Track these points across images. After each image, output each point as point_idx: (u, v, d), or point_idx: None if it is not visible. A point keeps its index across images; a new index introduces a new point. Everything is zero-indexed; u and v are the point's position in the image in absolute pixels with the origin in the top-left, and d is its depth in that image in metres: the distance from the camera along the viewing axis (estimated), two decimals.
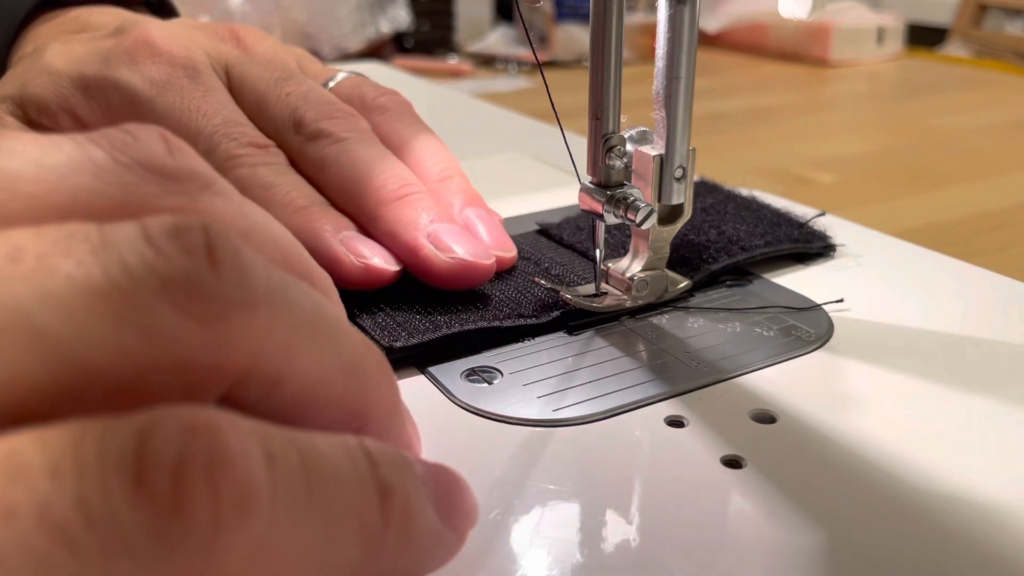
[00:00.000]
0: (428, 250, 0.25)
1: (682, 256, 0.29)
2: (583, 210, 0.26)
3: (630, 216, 0.25)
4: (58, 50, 0.30)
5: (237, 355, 0.13)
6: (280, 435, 0.12)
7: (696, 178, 0.36)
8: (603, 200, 0.25)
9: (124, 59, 0.29)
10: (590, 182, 0.26)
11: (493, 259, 0.26)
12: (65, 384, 0.11)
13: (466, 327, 0.24)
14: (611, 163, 0.25)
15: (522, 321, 0.25)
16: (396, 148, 0.29)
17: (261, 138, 0.28)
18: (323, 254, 0.25)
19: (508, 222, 0.31)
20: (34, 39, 0.34)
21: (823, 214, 0.33)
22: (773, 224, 0.31)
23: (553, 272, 0.28)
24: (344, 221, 0.26)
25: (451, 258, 0.25)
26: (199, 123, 0.28)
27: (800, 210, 0.33)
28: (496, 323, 0.25)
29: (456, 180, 0.29)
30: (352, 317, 0.25)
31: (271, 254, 0.16)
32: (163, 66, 0.29)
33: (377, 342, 0.23)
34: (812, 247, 0.31)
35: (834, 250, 0.31)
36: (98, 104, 0.29)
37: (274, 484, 0.12)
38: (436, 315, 0.25)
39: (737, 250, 0.29)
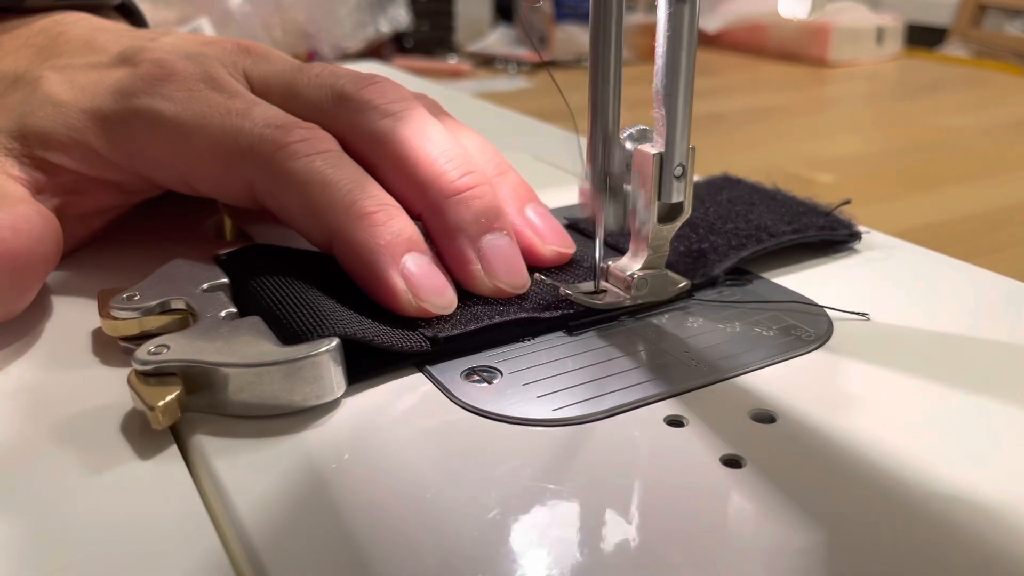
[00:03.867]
0: (475, 267, 0.26)
1: (712, 243, 0.29)
2: (582, 206, 0.27)
3: (628, 223, 0.26)
4: (57, 79, 0.29)
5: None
6: None
7: (720, 174, 0.36)
8: (602, 204, 0.26)
9: (143, 88, 0.28)
10: (589, 181, 0.26)
11: (528, 286, 0.27)
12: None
13: (507, 317, 0.25)
14: (610, 169, 0.25)
15: (560, 312, 0.26)
16: None
17: (304, 122, 0.27)
18: (382, 282, 0.24)
19: None
20: None
21: (848, 202, 0.33)
22: (799, 213, 0.31)
23: (561, 272, 0.28)
24: (407, 232, 0.25)
25: (494, 285, 0.26)
26: (235, 122, 0.27)
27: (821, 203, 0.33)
28: (536, 314, 0.25)
29: (512, 175, 0.30)
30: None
31: None
32: (183, 84, 0.28)
33: (421, 333, 0.24)
34: (838, 234, 0.31)
35: (859, 238, 0.31)
36: (118, 135, 0.28)
37: None
38: (470, 307, 0.25)
39: (765, 236, 0.29)
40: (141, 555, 0.17)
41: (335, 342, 0.22)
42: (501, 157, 0.30)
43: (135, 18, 0.38)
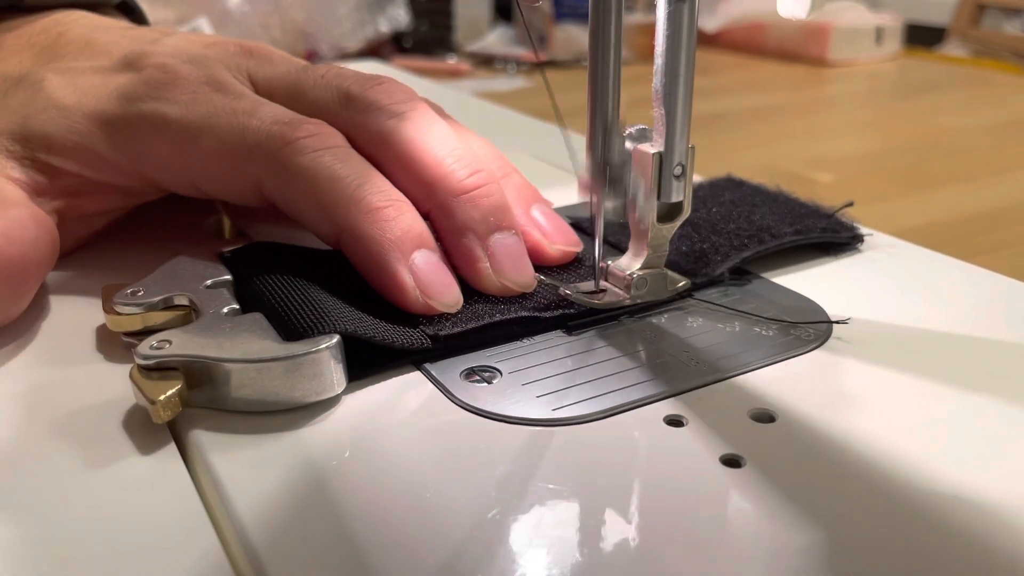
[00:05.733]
0: (483, 265, 0.26)
1: (714, 244, 0.29)
2: (582, 197, 0.27)
3: (627, 214, 0.25)
4: (60, 82, 0.29)
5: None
6: None
7: (723, 175, 0.36)
8: (601, 194, 0.26)
9: (148, 93, 0.28)
10: (588, 171, 0.26)
11: (535, 284, 0.27)
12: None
13: (508, 316, 0.25)
14: (611, 153, 0.25)
15: (560, 311, 0.26)
16: None
17: (311, 119, 0.27)
18: (391, 277, 0.24)
19: None
20: None
21: (851, 204, 0.33)
22: (801, 215, 0.31)
23: (561, 271, 0.28)
24: (417, 227, 0.25)
25: (501, 283, 0.26)
26: (242, 121, 0.27)
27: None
28: (536, 313, 0.25)
29: (516, 177, 0.30)
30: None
31: None
32: (187, 88, 0.28)
33: (422, 330, 0.24)
34: (840, 236, 0.31)
35: (862, 240, 0.31)
36: (123, 139, 0.28)
37: None
38: (471, 305, 0.25)
39: (767, 237, 0.29)
40: (140, 553, 0.17)
41: (335, 339, 0.22)
42: (505, 159, 0.30)
43: (135, 16, 0.38)
